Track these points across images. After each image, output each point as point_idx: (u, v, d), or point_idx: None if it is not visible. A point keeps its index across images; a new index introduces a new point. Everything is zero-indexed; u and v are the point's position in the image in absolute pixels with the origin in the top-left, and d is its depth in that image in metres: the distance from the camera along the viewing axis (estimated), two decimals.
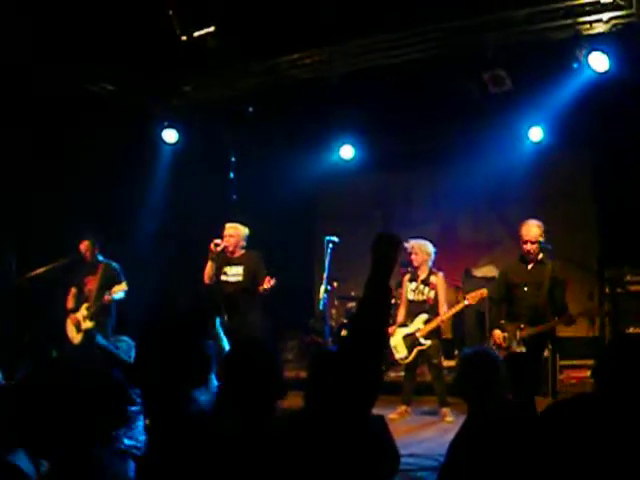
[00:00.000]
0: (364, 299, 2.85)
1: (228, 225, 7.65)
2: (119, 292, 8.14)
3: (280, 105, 9.35)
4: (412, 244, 8.06)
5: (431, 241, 8.24)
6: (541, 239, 6.71)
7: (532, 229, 6.66)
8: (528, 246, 6.62)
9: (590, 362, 9.07)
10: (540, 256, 6.69)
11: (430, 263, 8.06)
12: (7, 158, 8.16)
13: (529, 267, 6.70)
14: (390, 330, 8.20)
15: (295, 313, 11.00)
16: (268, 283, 7.15)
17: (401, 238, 2.94)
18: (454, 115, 9.55)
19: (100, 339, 5.21)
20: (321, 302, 7.89)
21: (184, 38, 6.99)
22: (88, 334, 8.16)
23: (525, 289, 6.65)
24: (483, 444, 3.44)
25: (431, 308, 7.92)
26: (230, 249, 7.51)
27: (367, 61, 8.29)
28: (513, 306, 6.75)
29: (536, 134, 9.84)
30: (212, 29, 7.00)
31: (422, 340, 7.83)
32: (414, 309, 8.00)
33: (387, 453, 3.92)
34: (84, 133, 8.79)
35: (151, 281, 9.54)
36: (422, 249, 8.03)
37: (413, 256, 8.03)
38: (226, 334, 5.86)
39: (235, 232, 7.60)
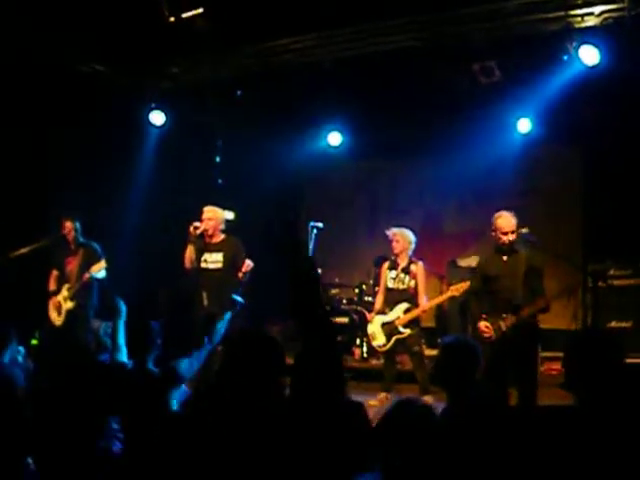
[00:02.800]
0: None
1: (206, 208, 7.54)
2: (99, 270, 8.05)
3: (269, 90, 9.31)
4: (394, 231, 8.08)
5: (414, 230, 8.23)
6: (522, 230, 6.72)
7: (511, 220, 6.63)
8: (509, 237, 6.59)
9: None
10: (515, 246, 6.69)
11: (410, 252, 8.06)
12: None
13: (504, 258, 6.69)
14: (368, 317, 8.23)
15: (278, 299, 10.96)
16: (247, 267, 7.13)
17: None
18: (443, 105, 9.53)
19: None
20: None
21: (172, 19, 6.93)
22: (70, 315, 8.13)
23: (503, 280, 6.63)
24: (459, 433, 3.44)
25: (411, 297, 7.92)
26: (209, 232, 7.42)
27: (357, 48, 8.26)
28: (493, 298, 6.73)
29: (524, 126, 9.83)
30: (200, 10, 6.94)
31: (401, 329, 7.82)
32: (394, 297, 7.98)
33: (363, 438, 3.94)
34: (70, 113, 8.72)
35: (134, 265, 9.48)
36: (404, 237, 8.04)
37: (394, 243, 8.03)
38: (207, 318, 5.86)
39: (214, 215, 7.51)
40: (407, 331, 7.82)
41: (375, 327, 8.00)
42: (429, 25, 7.80)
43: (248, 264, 7.16)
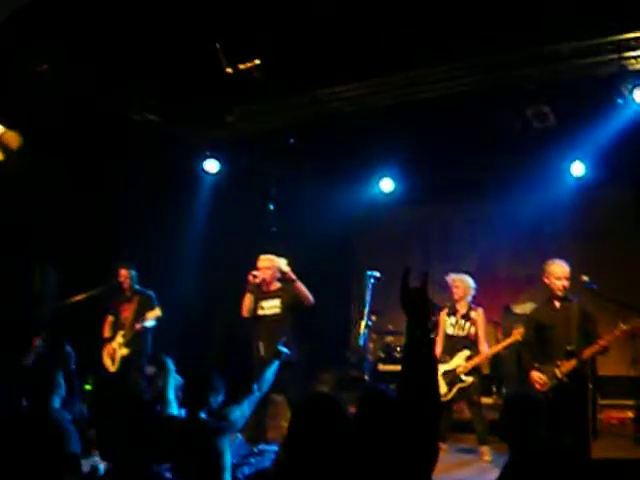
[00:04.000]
0: (408, 356, 2.76)
1: (263, 257, 7.55)
2: (151, 319, 8.14)
3: (321, 138, 9.36)
4: (453, 277, 8.01)
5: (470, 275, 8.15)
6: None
7: (565, 266, 6.59)
8: (564, 282, 6.54)
9: (631, 402, 8.89)
10: (567, 294, 6.60)
11: (470, 298, 7.96)
12: (50, 186, 8.24)
13: (557, 306, 6.60)
14: None
15: (331, 346, 10.92)
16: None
17: (426, 277, 2.90)
18: (496, 149, 9.48)
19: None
20: (361, 337, 7.77)
21: (230, 70, 7.01)
22: (124, 361, 8.20)
23: (557, 329, 6.54)
24: None
25: (471, 344, 7.81)
26: (267, 280, 7.44)
27: (409, 95, 8.27)
28: (546, 347, 6.64)
29: (578, 169, 9.73)
30: (258, 62, 7.02)
31: (463, 377, 7.70)
32: (454, 344, 7.87)
33: None
34: (126, 162, 8.87)
35: (189, 312, 9.54)
36: (463, 283, 7.96)
37: (454, 289, 7.96)
38: (263, 365, 5.83)
39: (270, 264, 7.51)
40: (469, 379, 7.69)
41: None
42: (482, 69, 7.77)
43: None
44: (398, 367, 10.25)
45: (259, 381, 5.38)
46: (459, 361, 7.75)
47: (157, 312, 8.16)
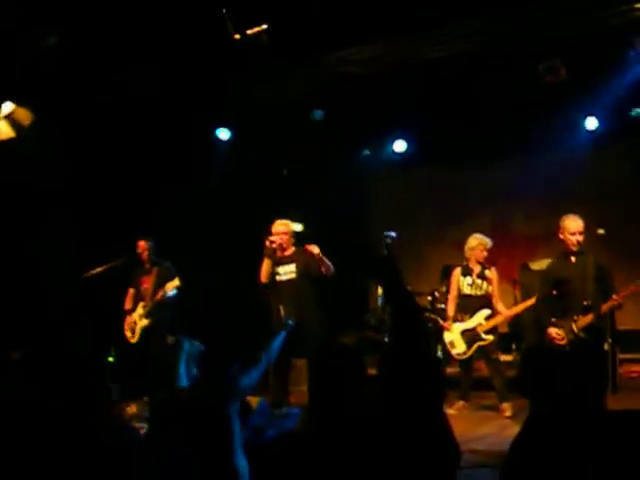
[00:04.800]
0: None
1: (278, 222, 7.57)
2: (172, 289, 8.21)
3: (333, 101, 9.33)
4: (471, 237, 8.01)
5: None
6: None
7: (579, 221, 6.56)
8: (578, 237, 6.52)
9: None
10: (582, 248, 6.58)
11: (484, 257, 7.96)
12: (64, 162, 8.29)
13: (573, 260, 6.60)
14: (445, 325, 8.11)
15: (349, 309, 10.96)
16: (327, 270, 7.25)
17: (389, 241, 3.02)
18: (508, 107, 9.39)
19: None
20: (380, 298, 7.80)
21: (237, 36, 6.98)
22: (145, 332, 8.29)
23: (573, 282, 6.54)
24: (547, 444, 3.38)
25: (489, 303, 7.84)
26: (283, 246, 7.45)
27: (419, 56, 8.22)
28: (563, 301, 6.64)
29: (592, 123, 9.68)
30: (265, 27, 6.98)
31: (483, 335, 7.73)
32: (472, 304, 7.88)
33: (449, 448, 3.90)
34: (141, 134, 8.94)
35: (206, 281, 9.57)
36: (479, 242, 7.94)
37: (468, 249, 7.97)
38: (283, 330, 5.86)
39: (286, 229, 7.53)
40: (490, 337, 7.72)
41: (454, 335, 7.89)
42: (491, 29, 7.71)
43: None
44: None
45: (266, 350, 5.42)
46: (479, 320, 7.77)
47: (176, 282, 8.22)
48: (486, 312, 7.79)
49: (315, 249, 7.27)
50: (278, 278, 7.42)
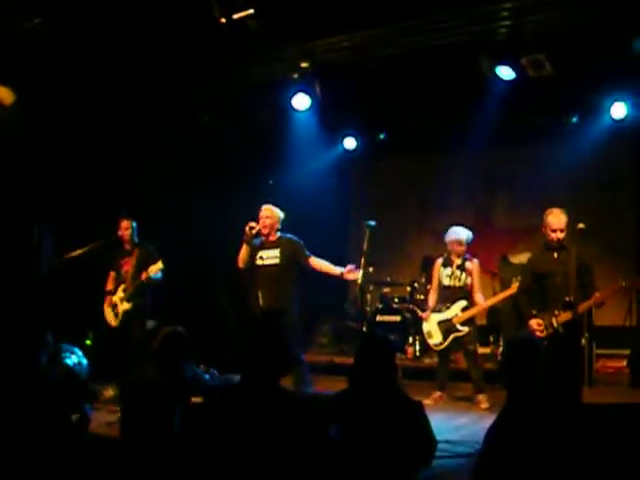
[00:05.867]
0: None
1: (264, 207, 7.54)
2: (156, 271, 8.12)
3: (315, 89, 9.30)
4: (450, 231, 8.04)
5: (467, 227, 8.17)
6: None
7: (562, 217, 6.56)
8: (558, 234, 6.53)
9: (627, 351, 8.99)
10: (565, 243, 6.60)
11: (464, 249, 7.98)
12: (46, 142, 8.24)
13: (555, 255, 6.62)
14: (423, 316, 8.15)
15: (328, 298, 10.97)
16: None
17: None
18: (494, 99, 9.38)
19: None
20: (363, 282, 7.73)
21: (224, 20, 6.94)
22: (126, 316, 8.23)
23: (554, 277, 6.56)
24: (521, 434, 3.41)
25: (468, 295, 7.86)
26: (266, 232, 7.42)
27: (403, 45, 8.21)
28: (544, 295, 6.66)
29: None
30: (251, 11, 6.94)
31: (459, 327, 7.76)
32: (450, 295, 7.90)
33: (424, 438, 3.95)
34: (117, 114, 8.92)
35: (185, 266, 9.53)
36: (457, 235, 7.97)
37: (448, 241, 7.99)
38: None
39: (271, 214, 7.50)
40: (465, 329, 7.74)
41: (431, 325, 7.93)
42: (474, 20, 7.72)
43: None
44: (396, 318, 10.37)
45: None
46: (455, 311, 7.80)
47: (160, 265, 8.11)
48: (463, 303, 7.82)
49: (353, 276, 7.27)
50: (260, 262, 7.37)
